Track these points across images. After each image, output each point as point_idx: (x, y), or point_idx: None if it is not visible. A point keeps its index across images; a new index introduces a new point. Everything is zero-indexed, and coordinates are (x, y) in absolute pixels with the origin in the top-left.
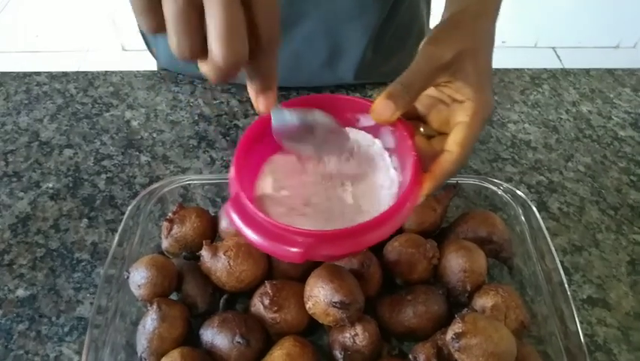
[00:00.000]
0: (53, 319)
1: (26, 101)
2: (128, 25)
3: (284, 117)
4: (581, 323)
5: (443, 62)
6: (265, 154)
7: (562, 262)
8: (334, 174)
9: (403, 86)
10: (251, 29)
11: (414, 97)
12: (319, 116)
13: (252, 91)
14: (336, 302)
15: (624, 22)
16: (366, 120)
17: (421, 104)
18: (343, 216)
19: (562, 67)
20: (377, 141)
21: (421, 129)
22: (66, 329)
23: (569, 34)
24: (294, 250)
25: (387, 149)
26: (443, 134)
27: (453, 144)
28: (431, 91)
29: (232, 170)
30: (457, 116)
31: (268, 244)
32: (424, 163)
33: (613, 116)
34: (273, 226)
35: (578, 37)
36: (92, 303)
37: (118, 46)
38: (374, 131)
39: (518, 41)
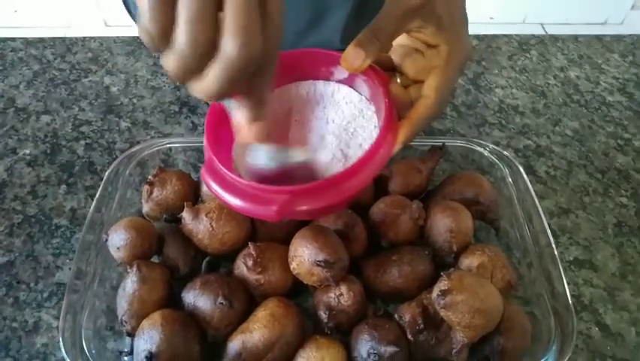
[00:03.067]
0: (32, 285)
1: (1, 67)
2: (111, 1)
3: (262, 159)
4: (568, 283)
5: (412, 5)
6: None
7: (549, 225)
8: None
9: (372, 32)
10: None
11: (385, 43)
12: (301, 157)
13: (239, 118)
14: (320, 261)
15: None
16: (340, 73)
17: (395, 55)
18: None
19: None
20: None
21: (398, 80)
22: (45, 295)
23: (557, 10)
24: (271, 208)
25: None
26: (419, 83)
27: (429, 89)
28: (405, 40)
29: (205, 134)
30: (432, 61)
31: (244, 205)
32: (401, 112)
33: (601, 82)
34: (247, 187)
35: (566, 13)
36: (71, 269)
37: (100, 22)
38: (349, 82)
39: (506, 18)
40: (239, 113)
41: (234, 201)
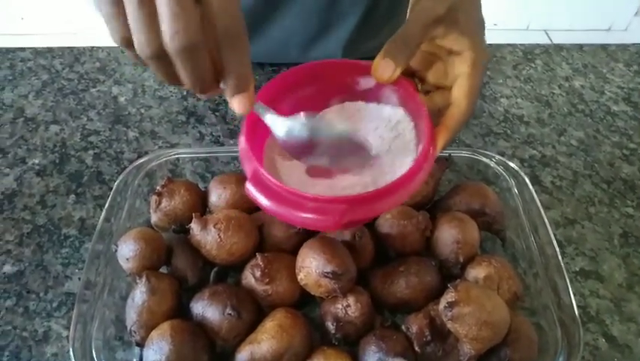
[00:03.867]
0: (41, 294)
1: (10, 77)
2: None
3: (292, 130)
4: (574, 294)
5: (437, 15)
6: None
7: (555, 235)
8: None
9: (400, 42)
10: (209, 20)
11: (412, 52)
12: (332, 126)
13: (226, 94)
14: (327, 272)
15: (616, 4)
16: (366, 82)
17: (414, 62)
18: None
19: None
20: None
21: (419, 86)
22: (54, 305)
23: (561, 16)
24: (330, 218)
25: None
26: (440, 89)
27: (459, 96)
28: (424, 46)
29: (245, 144)
30: (456, 68)
31: (302, 217)
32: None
33: (606, 91)
34: (301, 198)
35: (570, 20)
36: (80, 278)
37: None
38: (376, 93)
39: (510, 24)
40: (226, 92)
41: (290, 214)
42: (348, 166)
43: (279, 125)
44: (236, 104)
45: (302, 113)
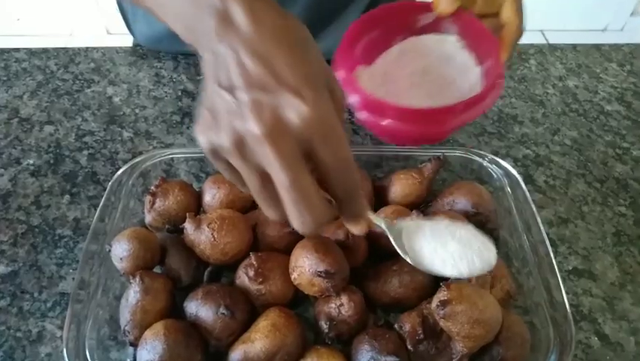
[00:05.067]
0: (35, 295)
1: (5, 78)
2: (113, 7)
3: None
4: (566, 293)
5: None
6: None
7: (548, 234)
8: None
9: None
10: (327, 185)
11: None
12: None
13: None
14: (321, 272)
15: (612, 5)
16: (425, 19)
17: None
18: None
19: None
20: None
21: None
22: (49, 305)
23: (557, 17)
24: (441, 126)
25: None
26: (487, 17)
27: (511, 15)
28: None
29: (342, 73)
30: None
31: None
32: None
33: (599, 91)
34: (413, 111)
35: (566, 20)
36: (74, 278)
37: (102, 29)
38: (435, 26)
39: None
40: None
41: (404, 127)
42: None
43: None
44: (355, 229)
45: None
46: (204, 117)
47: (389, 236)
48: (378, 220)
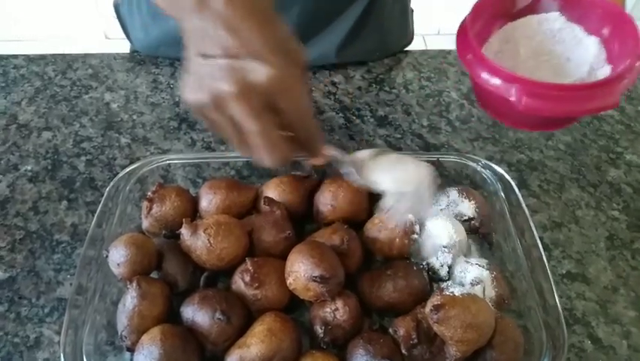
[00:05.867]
0: (33, 300)
1: (3, 84)
2: (112, 12)
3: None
4: (560, 297)
5: None
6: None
7: (542, 238)
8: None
9: None
10: (291, 129)
11: None
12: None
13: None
14: (316, 277)
15: None
16: (522, 1)
17: None
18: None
19: None
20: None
21: None
22: (46, 310)
23: None
24: (613, 96)
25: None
26: None
27: None
28: None
29: (496, 66)
30: None
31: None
32: None
33: None
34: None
35: None
36: (72, 284)
37: (100, 34)
38: (534, 7)
39: None
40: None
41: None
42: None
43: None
44: (317, 162)
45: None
46: (189, 81)
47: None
48: (335, 152)
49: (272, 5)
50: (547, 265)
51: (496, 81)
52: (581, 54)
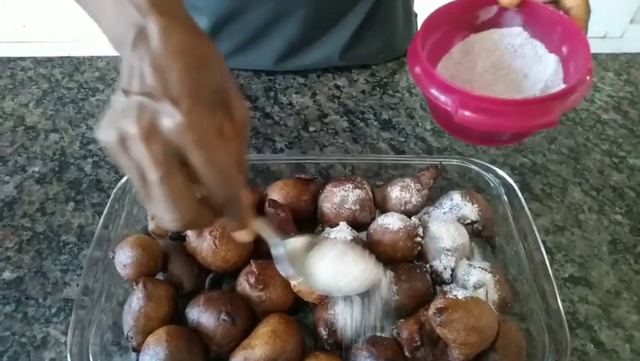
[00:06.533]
0: (40, 300)
1: (11, 86)
2: None
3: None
4: (562, 300)
5: None
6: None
7: (544, 242)
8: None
9: None
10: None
11: None
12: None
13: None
14: None
15: (611, 12)
16: (485, 14)
17: None
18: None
19: None
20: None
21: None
22: (53, 311)
23: None
24: (549, 117)
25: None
26: (549, 3)
27: None
28: None
29: (434, 73)
30: None
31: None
32: None
33: (596, 100)
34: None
35: None
36: (78, 285)
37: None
38: (497, 20)
39: None
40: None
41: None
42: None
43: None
44: (239, 237)
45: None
46: (105, 117)
47: (272, 251)
48: (264, 231)
49: (213, 52)
50: (549, 268)
51: (435, 92)
52: (539, 71)
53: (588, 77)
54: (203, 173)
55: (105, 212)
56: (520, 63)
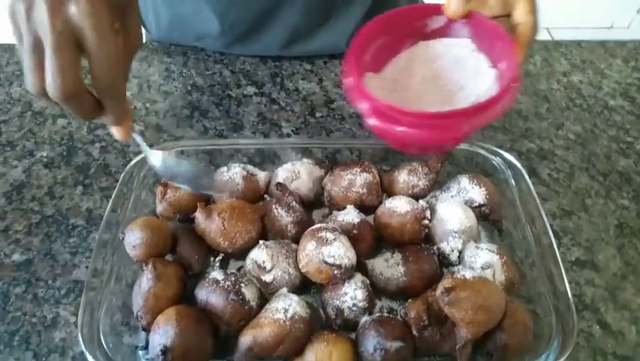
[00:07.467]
0: (50, 282)
1: (18, 72)
2: None
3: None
4: (569, 283)
5: None
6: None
7: (551, 226)
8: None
9: None
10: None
11: None
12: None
13: (108, 123)
14: (328, 260)
15: (618, 2)
16: (434, 23)
17: None
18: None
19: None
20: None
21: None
22: (63, 292)
23: (562, 15)
24: (449, 133)
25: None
26: (499, 17)
27: (524, 15)
28: None
29: (350, 80)
30: None
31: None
32: None
33: (603, 86)
34: (426, 117)
35: (572, 18)
36: (87, 267)
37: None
38: (446, 30)
39: None
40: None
41: (423, 134)
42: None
43: (154, 157)
44: (116, 134)
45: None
46: None
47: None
48: (137, 138)
49: None
50: (557, 251)
51: (355, 97)
52: (475, 85)
53: (506, 97)
54: (92, 54)
55: (113, 196)
56: (459, 75)
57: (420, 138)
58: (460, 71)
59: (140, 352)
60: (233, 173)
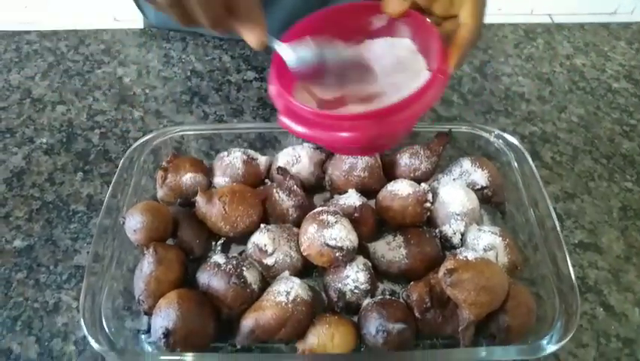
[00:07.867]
0: (51, 267)
1: (17, 59)
2: None
3: (303, 57)
4: (573, 265)
5: None
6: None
7: (555, 209)
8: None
9: None
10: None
11: None
12: (335, 50)
13: (240, 31)
14: (330, 243)
15: None
16: (379, 22)
17: None
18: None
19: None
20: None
21: (428, 20)
22: (64, 277)
23: (565, 1)
24: (355, 134)
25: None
26: (449, 19)
27: (466, 16)
28: None
29: (272, 88)
30: None
31: (337, 137)
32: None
33: (607, 69)
34: (333, 119)
35: (575, 3)
36: (89, 252)
37: (110, 17)
38: (389, 29)
39: (514, 9)
40: (240, 29)
41: (326, 135)
42: (356, 90)
43: (290, 54)
44: (250, 38)
45: (309, 39)
46: None
47: (282, 55)
48: (272, 40)
49: None
50: (560, 234)
51: (273, 92)
52: (411, 86)
53: (417, 103)
54: None
55: (114, 181)
56: (398, 76)
57: (324, 139)
58: (399, 73)
59: (143, 336)
60: (233, 157)
